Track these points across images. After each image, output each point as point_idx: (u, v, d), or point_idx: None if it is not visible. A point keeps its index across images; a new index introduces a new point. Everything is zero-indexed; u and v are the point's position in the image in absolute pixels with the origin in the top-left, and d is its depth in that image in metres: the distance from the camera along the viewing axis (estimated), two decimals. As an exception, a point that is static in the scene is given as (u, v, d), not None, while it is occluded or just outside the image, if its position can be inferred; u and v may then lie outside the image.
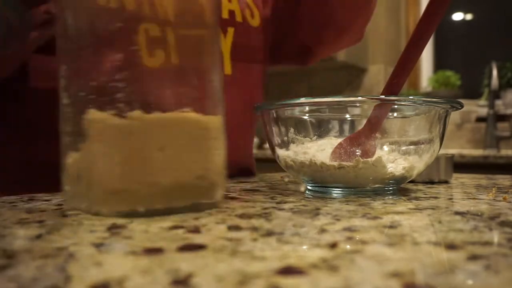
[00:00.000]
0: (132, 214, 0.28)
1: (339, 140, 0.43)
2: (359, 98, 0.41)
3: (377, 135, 0.42)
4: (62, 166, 0.32)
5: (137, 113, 0.28)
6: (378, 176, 0.40)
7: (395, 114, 0.44)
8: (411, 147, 0.42)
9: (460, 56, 2.36)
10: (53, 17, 0.45)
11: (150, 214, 0.29)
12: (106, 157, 0.28)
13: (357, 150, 0.41)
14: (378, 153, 0.42)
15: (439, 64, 2.39)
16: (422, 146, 0.42)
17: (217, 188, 0.32)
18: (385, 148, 0.43)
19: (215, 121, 0.32)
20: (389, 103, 0.41)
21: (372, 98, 0.41)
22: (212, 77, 0.32)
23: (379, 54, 2.34)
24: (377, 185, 0.41)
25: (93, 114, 0.29)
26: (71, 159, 0.30)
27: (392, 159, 0.41)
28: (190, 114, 0.30)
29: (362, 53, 2.33)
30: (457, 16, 2.34)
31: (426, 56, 2.40)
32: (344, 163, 0.40)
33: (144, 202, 0.29)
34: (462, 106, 0.43)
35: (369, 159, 0.40)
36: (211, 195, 0.32)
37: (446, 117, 0.44)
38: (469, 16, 2.34)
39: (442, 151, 0.52)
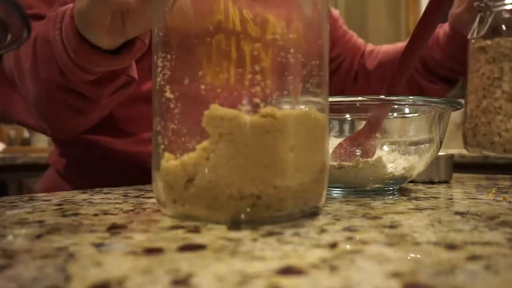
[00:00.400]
0: (253, 221, 0.26)
1: (339, 140, 0.43)
2: (359, 98, 0.41)
3: (377, 135, 0.42)
4: (154, 167, 0.29)
5: (271, 109, 0.26)
6: (378, 176, 0.40)
7: (395, 114, 0.44)
8: (411, 147, 0.42)
9: (460, 56, 2.36)
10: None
11: (272, 221, 0.26)
12: (236, 159, 0.25)
13: (357, 150, 0.41)
14: (378, 153, 0.42)
15: (439, 64, 2.39)
16: (422, 146, 0.42)
17: (325, 191, 0.30)
18: (385, 148, 0.43)
19: (325, 119, 0.30)
20: (389, 103, 0.41)
21: (372, 98, 0.41)
22: (325, 73, 0.30)
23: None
24: (377, 185, 0.41)
25: (218, 110, 0.26)
26: (176, 161, 0.27)
27: (392, 159, 0.41)
28: (312, 111, 0.28)
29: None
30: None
31: (426, 56, 2.40)
32: (344, 163, 0.40)
33: (277, 208, 0.26)
34: (462, 106, 0.43)
35: (369, 159, 0.40)
36: (320, 198, 0.30)
37: (446, 117, 0.44)
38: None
39: (442, 151, 0.52)
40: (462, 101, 0.44)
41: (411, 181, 0.54)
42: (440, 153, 0.54)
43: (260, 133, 0.25)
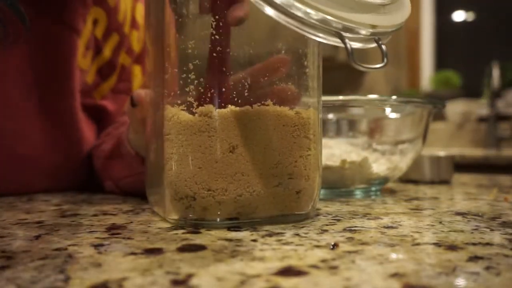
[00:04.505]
0: (202, 225, 0.26)
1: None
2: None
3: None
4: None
5: (207, 108, 0.25)
6: (364, 176, 0.40)
7: (380, 115, 0.44)
8: (395, 147, 0.42)
9: (461, 56, 2.36)
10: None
11: (223, 226, 0.25)
12: (173, 159, 0.25)
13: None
14: (363, 153, 0.41)
15: (440, 63, 2.39)
16: (406, 145, 0.42)
17: (305, 198, 0.27)
18: (370, 148, 0.43)
19: (306, 116, 0.27)
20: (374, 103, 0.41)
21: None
22: (304, 62, 0.27)
23: (379, 54, 2.33)
24: (362, 186, 0.41)
25: (165, 110, 0.26)
26: (149, 160, 0.29)
27: (377, 160, 0.41)
28: (271, 107, 0.26)
29: (362, 54, 2.32)
30: (458, 16, 2.34)
31: (427, 56, 2.40)
32: (329, 163, 0.40)
33: (214, 211, 0.25)
34: (444, 106, 0.43)
35: (355, 160, 0.40)
36: (296, 206, 0.27)
37: (428, 117, 0.44)
38: (470, 15, 2.34)
39: (443, 152, 0.52)
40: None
41: (412, 181, 0.53)
42: (441, 154, 0.54)
43: (194, 132, 0.25)
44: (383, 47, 0.24)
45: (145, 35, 0.30)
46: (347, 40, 0.23)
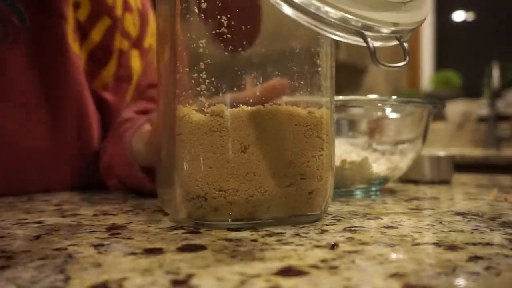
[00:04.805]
0: (213, 225, 0.25)
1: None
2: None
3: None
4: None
5: (219, 107, 0.25)
6: (364, 176, 0.40)
7: (380, 115, 0.44)
8: (395, 147, 0.42)
9: (461, 56, 2.36)
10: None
11: (234, 226, 0.25)
12: (184, 159, 0.25)
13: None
14: (363, 153, 0.41)
15: (440, 63, 2.39)
16: (406, 146, 0.42)
17: (317, 199, 0.27)
18: (370, 148, 0.43)
19: (319, 116, 0.27)
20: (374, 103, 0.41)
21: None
22: (317, 61, 0.27)
23: (379, 54, 2.33)
24: (362, 186, 0.41)
25: (175, 110, 0.26)
26: (160, 160, 0.28)
27: (377, 160, 0.41)
28: (283, 107, 0.26)
29: (362, 53, 2.32)
30: (458, 16, 2.34)
31: (427, 56, 2.40)
32: None
33: (225, 212, 0.25)
34: (444, 106, 0.43)
35: (355, 160, 0.40)
36: (309, 206, 0.27)
37: (428, 117, 0.44)
38: (470, 15, 2.34)
39: (443, 152, 0.52)
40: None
41: (412, 181, 0.53)
42: (441, 154, 0.54)
43: (206, 132, 0.25)
44: (405, 45, 0.24)
45: (157, 33, 0.30)
46: (369, 39, 0.22)
